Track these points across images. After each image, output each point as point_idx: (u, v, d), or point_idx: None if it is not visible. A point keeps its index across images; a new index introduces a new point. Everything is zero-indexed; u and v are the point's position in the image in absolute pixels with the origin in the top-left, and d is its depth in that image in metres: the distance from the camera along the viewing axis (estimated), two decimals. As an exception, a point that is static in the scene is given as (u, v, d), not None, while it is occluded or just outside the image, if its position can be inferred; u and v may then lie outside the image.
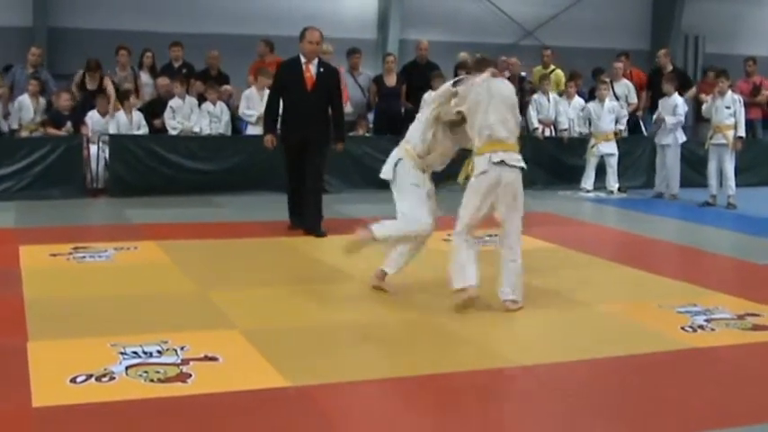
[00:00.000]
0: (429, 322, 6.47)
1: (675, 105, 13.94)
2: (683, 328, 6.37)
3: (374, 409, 4.83)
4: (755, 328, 6.44)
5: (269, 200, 11.93)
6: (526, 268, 7.85)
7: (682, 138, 14.04)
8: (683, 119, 13.97)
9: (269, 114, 10.26)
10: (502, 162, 6.65)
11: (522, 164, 6.83)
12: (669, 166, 14.08)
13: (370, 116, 15.12)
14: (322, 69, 10.00)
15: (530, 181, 14.35)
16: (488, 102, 6.71)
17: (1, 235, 9.72)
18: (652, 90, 15.87)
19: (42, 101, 13.42)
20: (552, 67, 16.16)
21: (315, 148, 9.86)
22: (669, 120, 13.81)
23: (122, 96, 13.66)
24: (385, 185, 7.20)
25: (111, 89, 13.80)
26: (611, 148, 14.33)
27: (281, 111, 10.07)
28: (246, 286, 7.56)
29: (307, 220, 9.99)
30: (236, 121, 14.32)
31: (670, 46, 20.18)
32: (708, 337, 6.19)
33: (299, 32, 10.07)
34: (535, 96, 15.23)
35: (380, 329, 6.34)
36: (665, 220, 11.99)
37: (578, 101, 15.24)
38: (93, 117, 13.39)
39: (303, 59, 9.93)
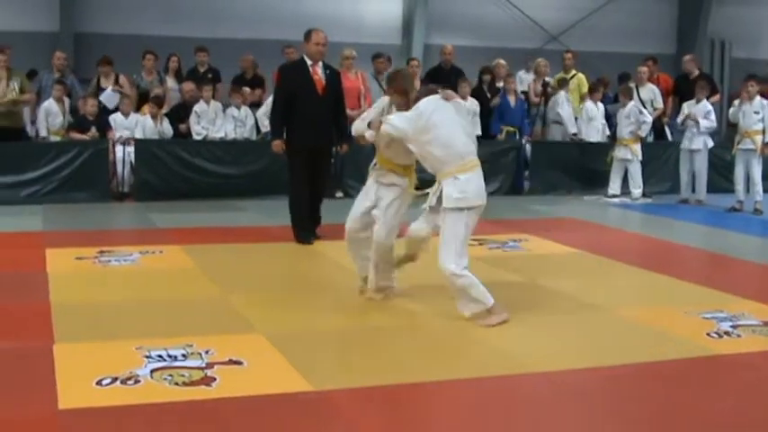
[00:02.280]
0: (451, 328, 6.46)
1: (708, 111, 13.86)
2: (708, 335, 6.34)
3: (396, 415, 4.83)
4: (782, 334, 6.40)
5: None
6: (548, 273, 7.88)
7: (710, 143, 13.96)
8: (715, 124, 13.89)
9: (277, 119, 9.92)
10: None
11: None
12: (698, 171, 14.01)
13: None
14: (328, 71, 9.84)
15: (553, 186, 14.60)
16: None
17: (28, 238, 9.79)
18: (679, 95, 15.80)
19: (68, 105, 13.51)
20: (573, 71, 16.10)
21: (324, 155, 9.81)
22: (703, 123, 13.72)
23: (155, 102, 13.74)
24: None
25: (128, 88, 13.90)
26: (627, 153, 14.24)
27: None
28: (270, 291, 7.57)
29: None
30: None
31: (696, 51, 20.09)
32: (734, 344, 6.15)
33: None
34: (560, 99, 15.19)
35: (403, 334, 6.34)
36: (691, 226, 11.93)
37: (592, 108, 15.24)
38: (116, 119, 13.47)
39: (309, 62, 9.75)
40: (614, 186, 14.35)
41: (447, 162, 6.53)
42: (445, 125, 6.54)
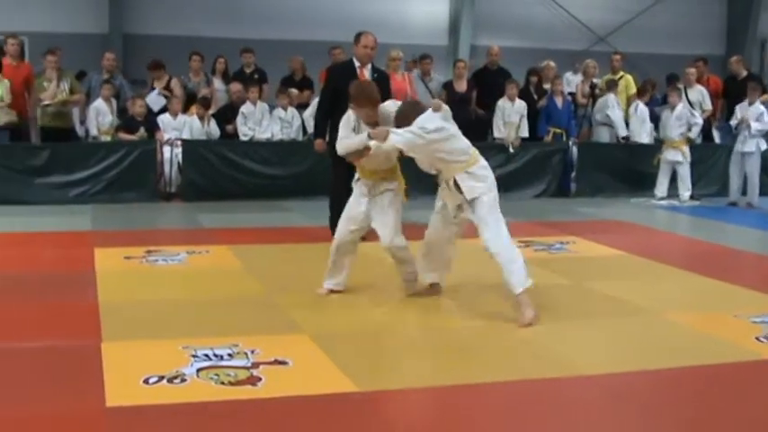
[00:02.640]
0: (495, 329, 6.43)
1: (761, 113, 13.70)
2: (757, 339, 6.26)
3: (440, 416, 4.83)
4: (832, 338, 6.32)
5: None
6: (595, 275, 7.83)
7: (764, 145, 13.81)
8: None
9: (321, 118, 10.03)
10: None
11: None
12: (750, 174, 13.87)
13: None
14: (376, 75, 9.87)
15: (599, 188, 14.51)
16: None
17: (77, 238, 9.88)
18: (727, 97, 15.66)
19: (115, 105, 13.64)
20: (621, 73, 15.99)
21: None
22: (755, 126, 13.58)
23: (202, 103, 13.84)
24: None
25: (178, 90, 14.01)
26: (677, 155, 14.13)
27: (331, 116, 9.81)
28: (315, 291, 7.58)
29: None
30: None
31: (745, 52, 19.89)
32: (783, 348, 6.09)
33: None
34: (610, 101, 15.09)
35: (448, 336, 6.33)
36: (740, 229, 11.81)
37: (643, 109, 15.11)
38: (164, 120, 13.59)
39: (357, 64, 9.84)
40: (662, 188, 14.24)
41: (457, 161, 6.79)
42: (458, 132, 6.88)
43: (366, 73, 9.82)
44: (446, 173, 6.82)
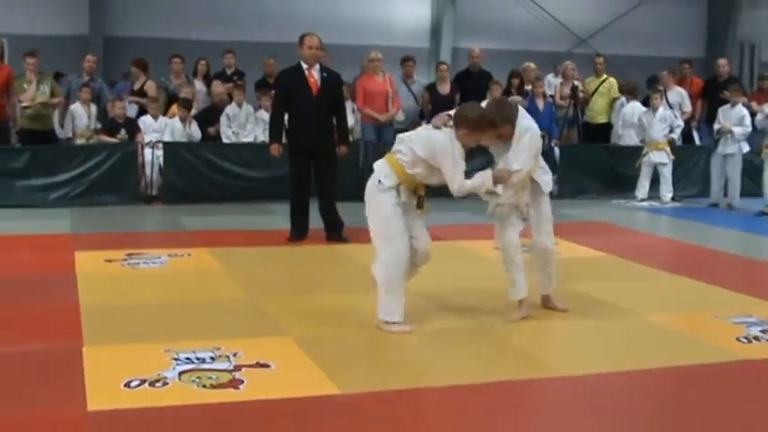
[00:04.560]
0: (476, 331, 6.44)
1: (743, 116, 13.75)
2: (737, 339, 6.29)
3: (422, 418, 4.83)
4: (812, 339, 6.35)
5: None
6: (577, 277, 7.85)
7: (746, 147, 13.86)
8: (750, 129, 13.77)
9: (274, 123, 10.18)
10: None
11: (379, 175, 6.44)
12: (731, 175, 13.92)
13: (424, 124, 15.10)
14: (326, 74, 9.96)
15: (581, 190, 14.54)
16: None
17: (57, 241, 9.84)
18: (708, 99, 15.72)
19: (94, 108, 13.60)
20: (605, 75, 16.03)
21: (324, 158, 9.85)
22: (737, 131, 13.62)
23: (184, 105, 13.82)
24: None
25: (153, 92, 13.99)
26: (662, 157, 14.19)
27: (286, 120, 10.02)
28: (298, 293, 7.59)
29: (328, 227, 10.04)
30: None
31: (725, 54, 19.99)
32: (763, 349, 6.10)
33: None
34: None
35: (431, 338, 6.32)
36: (721, 230, 11.86)
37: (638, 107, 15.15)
38: (145, 122, 13.56)
39: (305, 66, 9.89)
40: (643, 190, 14.28)
41: None
42: None
43: (315, 74, 9.89)
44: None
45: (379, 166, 6.45)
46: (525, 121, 6.62)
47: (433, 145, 6.25)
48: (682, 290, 8.03)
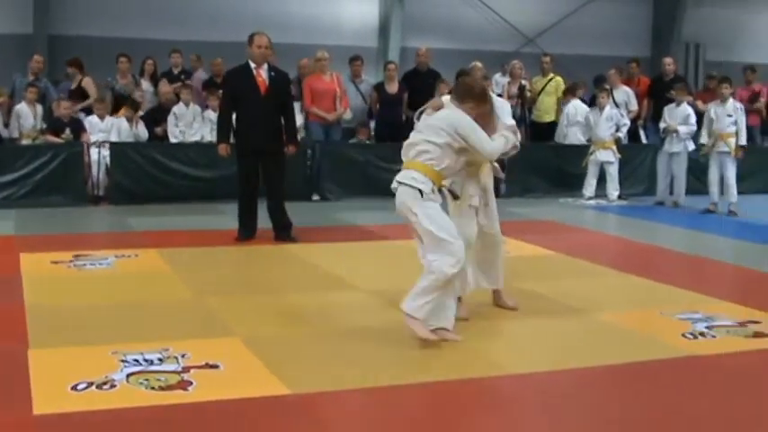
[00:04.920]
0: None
1: (687, 115, 13.88)
2: (683, 335, 6.36)
3: (372, 418, 4.83)
4: (756, 335, 6.42)
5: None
6: (525, 275, 7.90)
7: (691, 146, 14.01)
8: (695, 128, 13.91)
9: (222, 123, 10.15)
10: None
11: (414, 183, 6.07)
12: (677, 174, 14.06)
13: (373, 124, 15.12)
14: (273, 74, 9.93)
15: (529, 189, 14.63)
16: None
17: (2, 243, 9.73)
18: (654, 98, 15.87)
19: (40, 108, 13.46)
20: (551, 74, 16.13)
21: (273, 157, 9.84)
22: (682, 129, 13.75)
23: (131, 105, 13.72)
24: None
25: (92, 90, 13.88)
26: (608, 155, 14.31)
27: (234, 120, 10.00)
28: (247, 293, 7.56)
29: (277, 227, 10.03)
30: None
31: (671, 54, 20.20)
32: (708, 345, 6.18)
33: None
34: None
35: (380, 336, 6.32)
36: (667, 228, 11.98)
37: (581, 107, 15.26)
38: (91, 121, 13.44)
39: (253, 65, 9.85)
40: (590, 188, 14.40)
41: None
42: None
43: (263, 73, 9.86)
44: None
45: (410, 176, 6.12)
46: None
47: (449, 122, 6.10)
48: (629, 287, 8.10)
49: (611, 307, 7.26)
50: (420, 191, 6.03)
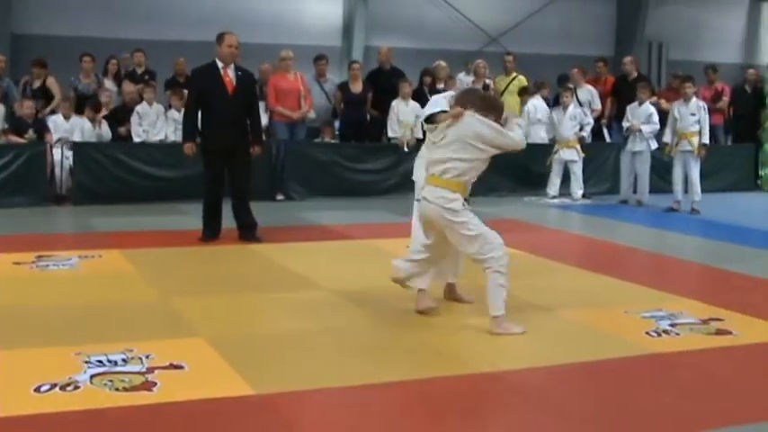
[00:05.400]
0: (392, 329, 6.47)
1: (650, 114, 13.98)
2: (647, 333, 6.41)
3: (338, 417, 4.82)
4: (719, 332, 6.48)
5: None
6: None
7: (654, 144, 14.10)
8: (657, 126, 14.00)
9: (188, 122, 10.09)
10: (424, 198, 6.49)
11: (445, 203, 6.33)
12: (640, 172, 14.16)
13: (337, 123, 15.11)
14: (240, 73, 9.91)
15: (493, 188, 14.66)
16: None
17: (-37, 243, 9.64)
18: (617, 97, 15.96)
19: (2, 108, 13.34)
20: (514, 73, 16.18)
21: (239, 157, 9.83)
22: (645, 129, 13.85)
23: (94, 105, 13.63)
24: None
25: (56, 89, 13.78)
26: (572, 154, 14.38)
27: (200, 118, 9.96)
28: (211, 294, 7.54)
29: (242, 227, 10.02)
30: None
31: (634, 53, 20.32)
32: (672, 342, 6.23)
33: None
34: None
35: (345, 336, 6.33)
36: (630, 226, 12.06)
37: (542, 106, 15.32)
38: (56, 121, 13.34)
39: (220, 64, 9.81)
40: (554, 187, 14.47)
41: None
42: None
43: (230, 73, 9.83)
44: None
45: (438, 194, 6.35)
46: None
47: (475, 133, 6.29)
48: (593, 286, 8.14)
49: (576, 305, 7.30)
50: (452, 209, 6.30)
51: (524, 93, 15.65)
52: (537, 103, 15.31)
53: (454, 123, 6.35)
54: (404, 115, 14.28)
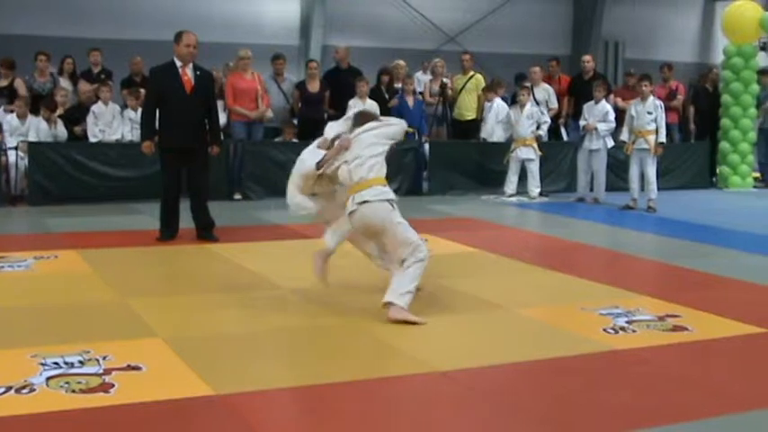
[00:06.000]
0: (351, 328, 6.47)
1: (606, 112, 14.06)
2: (605, 330, 6.45)
3: (298, 417, 4.82)
4: (675, 329, 6.54)
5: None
6: (447, 272, 7.93)
7: (610, 143, 14.18)
8: (614, 125, 14.08)
9: (147, 121, 10.01)
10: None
11: (382, 196, 6.64)
12: (597, 170, 14.24)
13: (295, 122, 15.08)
14: (198, 73, 9.88)
15: (450, 186, 14.71)
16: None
17: None
18: (574, 95, 16.05)
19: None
20: (471, 72, 16.23)
21: (197, 157, 9.81)
22: (601, 127, 13.93)
23: (48, 104, 13.51)
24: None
25: (23, 91, 13.64)
26: (529, 153, 14.44)
27: (158, 118, 9.90)
28: (169, 294, 7.51)
29: (199, 227, 10.00)
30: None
31: (591, 51, 20.45)
32: (629, 339, 6.27)
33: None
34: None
35: (304, 336, 6.33)
36: (587, 224, 12.13)
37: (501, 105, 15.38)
38: (11, 122, 13.20)
39: (179, 63, 9.78)
40: (511, 186, 14.52)
41: None
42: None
43: (188, 72, 9.80)
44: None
45: (374, 192, 6.61)
46: None
47: (378, 132, 6.89)
48: (550, 283, 8.19)
49: (533, 303, 7.33)
50: (390, 201, 6.61)
51: (489, 90, 15.68)
52: (500, 103, 15.37)
53: (343, 152, 6.79)
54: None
